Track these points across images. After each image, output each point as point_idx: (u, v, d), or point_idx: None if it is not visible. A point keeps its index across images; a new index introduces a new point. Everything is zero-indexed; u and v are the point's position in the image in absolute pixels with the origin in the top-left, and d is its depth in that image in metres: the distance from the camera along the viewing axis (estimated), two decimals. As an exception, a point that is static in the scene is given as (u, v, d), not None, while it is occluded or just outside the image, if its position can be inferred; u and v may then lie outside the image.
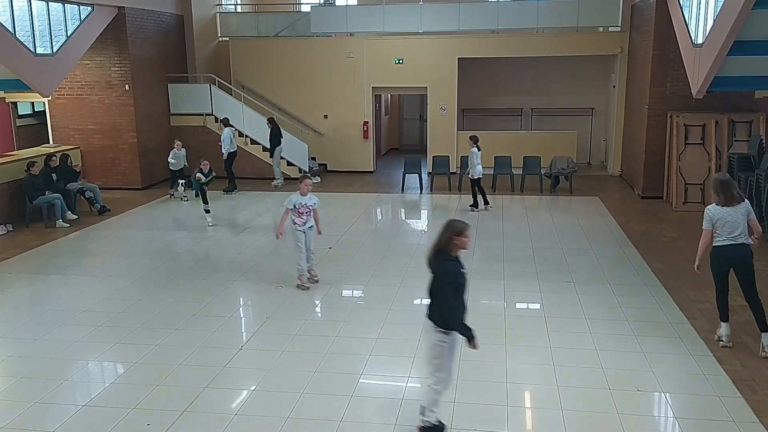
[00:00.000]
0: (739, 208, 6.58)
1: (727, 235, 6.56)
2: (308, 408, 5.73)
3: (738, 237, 6.55)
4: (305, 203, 8.55)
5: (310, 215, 8.64)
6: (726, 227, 6.56)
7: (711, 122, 12.97)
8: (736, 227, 6.53)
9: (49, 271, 9.92)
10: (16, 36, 11.81)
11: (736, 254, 6.57)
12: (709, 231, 6.66)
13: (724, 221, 6.57)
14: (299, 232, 8.63)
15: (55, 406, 5.84)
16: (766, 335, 6.61)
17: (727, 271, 6.72)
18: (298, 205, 8.52)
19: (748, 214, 6.61)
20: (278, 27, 18.40)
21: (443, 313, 5.06)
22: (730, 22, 8.60)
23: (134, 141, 15.34)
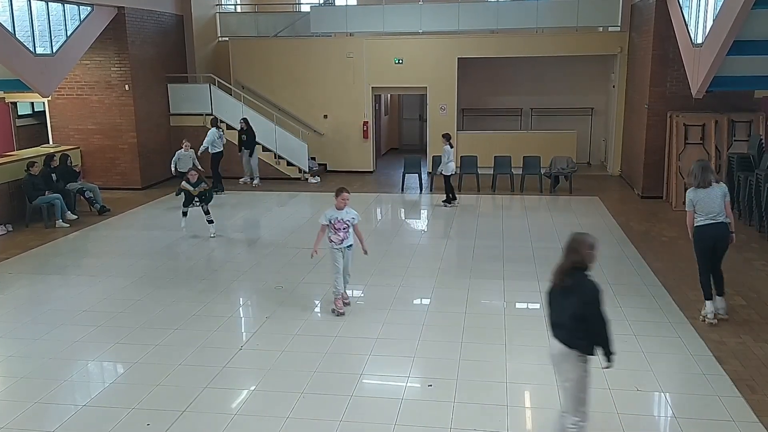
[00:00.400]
0: (715, 189, 7.16)
1: (706, 215, 7.15)
2: (308, 408, 5.73)
3: (716, 216, 7.13)
4: (342, 218, 7.60)
5: (349, 232, 7.69)
6: (705, 207, 7.13)
7: (711, 122, 12.98)
8: (714, 207, 7.11)
9: (48, 271, 9.92)
10: (16, 36, 11.81)
11: (717, 232, 7.17)
12: (692, 212, 7.27)
13: (704, 202, 7.14)
14: (336, 251, 7.70)
15: (55, 406, 5.85)
16: (720, 299, 7.41)
17: (711, 247, 7.28)
18: (334, 220, 7.59)
19: (724, 196, 7.18)
20: (278, 27, 18.40)
21: (599, 335, 4.51)
22: (730, 21, 8.60)
23: (134, 141, 15.34)
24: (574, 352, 4.54)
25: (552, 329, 4.71)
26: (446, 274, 9.41)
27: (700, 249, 7.34)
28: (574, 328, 4.51)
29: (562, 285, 4.60)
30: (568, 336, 4.55)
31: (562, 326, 4.57)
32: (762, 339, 6.98)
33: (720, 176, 12.90)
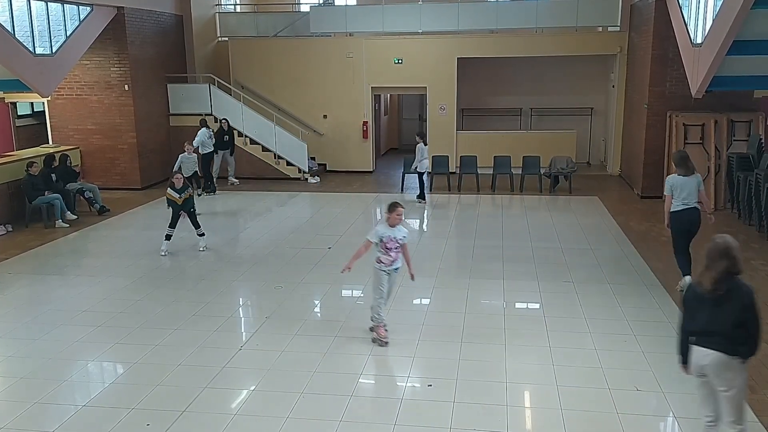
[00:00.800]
0: (693, 178, 8.08)
1: (682, 200, 8.04)
2: (308, 408, 5.73)
3: (690, 202, 8.04)
4: (395, 237, 6.82)
5: (399, 252, 6.96)
6: (682, 193, 8.03)
7: (710, 122, 12.98)
8: (690, 193, 8.02)
9: (48, 271, 9.92)
10: (16, 36, 11.80)
11: (692, 216, 8.08)
12: (669, 196, 8.16)
13: (681, 188, 8.06)
14: (383, 274, 6.90)
15: (55, 406, 5.84)
16: (687, 278, 8.11)
17: (686, 230, 8.17)
18: (386, 239, 6.78)
19: (699, 185, 8.10)
20: (277, 27, 18.40)
21: (757, 340, 4.43)
22: (730, 21, 8.60)
23: (134, 141, 15.34)
24: (736, 359, 4.44)
25: (702, 338, 4.55)
26: (446, 274, 9.41)
27: (677, 231, 8.22)
28: (735, 335, 4.42)
29: (716, 293, 4.42)
30: (729, 343, 4.42)
31: (720, 334, 4.43)
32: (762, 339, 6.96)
33: (719, 176, 12.96)
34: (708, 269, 4.52)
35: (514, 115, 18.72)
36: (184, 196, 10.42)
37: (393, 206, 6.92)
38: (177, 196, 10.35)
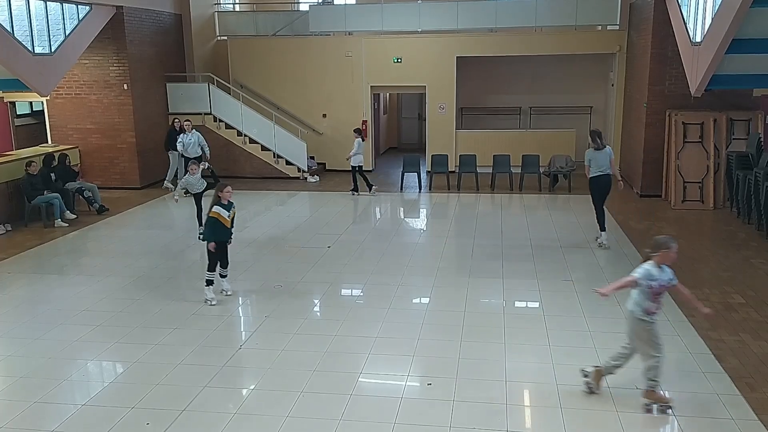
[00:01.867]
0: (604, 150, 10.19)
1: (598, 168, 10.16)
2: (307, 407, 5.73)
3: (605, 169, 10.16)
4: (664, 282, 5.51)
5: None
6: (597, 163, 10.16)
7: (709, 120, 12.99)
8: (603, 163, 10.15)
9: (47, 270, 9.91)
10: (15, 35, 11.79)
11: (606, 180, 10.23)
12: (588, 167, 10.26)
13: (597, 159, 10.16)
14: (655, 326, 5.49)
15: (55, 405, 5.84)
16: (603, 233, 10.46)
17: (604, 193, 10.33)
18: (657, 286, 5.45)
19: (609, 156, 10.20)
20: (276, 26, 18.39)
21: None
22: (729, 20, 8.61)
23: (133, 140, 15.33)
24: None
25: None
26: (445, 273, 9.41)
27: (596, 192, 10.35)
28: None
29: None
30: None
31: None
32: (761, 337, 6.99)
33: (718, 174, 12.96)
34: None
35: (514, 114, 18.71)
36: (232, 212, 8.36)
37: (662, 244, 5.64)
38: (226, 215, 8.14)
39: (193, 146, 13.95)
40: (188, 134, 13.99)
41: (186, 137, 13.91)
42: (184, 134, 13.95)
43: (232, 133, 16.68)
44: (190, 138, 13.95)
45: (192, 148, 13.91)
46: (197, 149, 14.00)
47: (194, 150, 13.93)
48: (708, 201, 12.98)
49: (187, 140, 13.92)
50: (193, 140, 13.97)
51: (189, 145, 13.96)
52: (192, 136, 13.96)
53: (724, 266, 9.44)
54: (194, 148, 13.93)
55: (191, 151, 13.91)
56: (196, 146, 13.98)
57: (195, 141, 14.03)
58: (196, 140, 14.04)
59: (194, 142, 14.01)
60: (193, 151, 13.91)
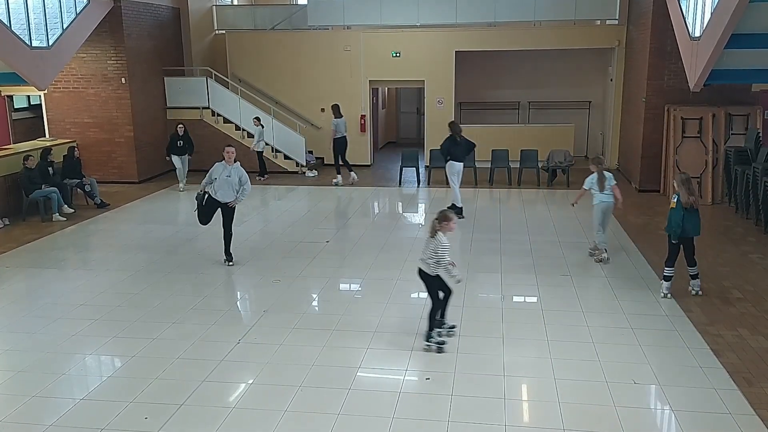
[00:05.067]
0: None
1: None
2: (306, 401, 5.74)
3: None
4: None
5: None
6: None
7: (708, 115, 12.99)
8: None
9: (45, 264, 9.90)
10: (12, 29, 11.74)
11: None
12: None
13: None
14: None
15: (53, 399, 5.85)
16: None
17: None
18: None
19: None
20: (275, 20, 18.34)
21: None
22: (728, 14, 8.59)
23: (131, 135, 15.30)
24: None
25: None
26: (444, 268, 9.39)
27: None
28: None
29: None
30: None
31: None
32: (759, 332, 7.01)
33: (717, 170, 12.97)
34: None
35: (512, 109, 18.70)
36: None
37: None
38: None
39: (229, 187, 9.21)
40: (227, 166, 9.23)
41: (222, 169, 9.20)
42: (220, 164, 9.24)
43: (230, 127, 16.65)
44: (228, 172, 9.21)
45: (227, 189, 9.21)
46: (232, 191, 9.25)
47: (229, 192, 9.24)
48: (706, 196, 12.99)
49: (222, 175, 9.17)
50: (232, 177, 9.20)
51: (223, 186, 9.19)
52: (233, 170, 9.24)
53: (722, 261, 9.46)
54: (229, 189, 9.22)
55: (224, 193, 9.24)
56: (234, 186, 9.22)
57: (234, 178, 9.22)
58: (236, 176, 9.23)
59: (231, 181, 9.21)
60: (226, 195, 9.26)
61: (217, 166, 9.26)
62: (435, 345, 6.62)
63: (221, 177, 9.15)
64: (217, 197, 9.25)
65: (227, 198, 9.26)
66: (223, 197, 9.25)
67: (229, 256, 9.60)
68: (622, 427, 5.28)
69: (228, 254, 9.60)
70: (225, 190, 9.21)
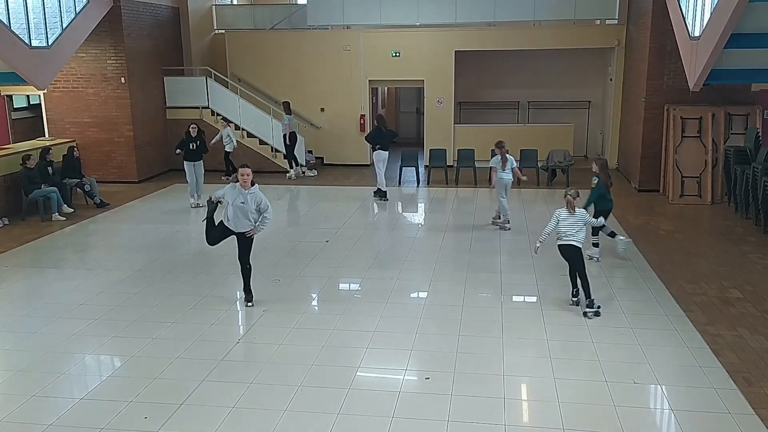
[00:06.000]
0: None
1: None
2: (306, 401, 5.74)
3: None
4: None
5: None
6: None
7: (708, 115, 12.99)
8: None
9: (45, 264, 9.90)
10: (11, 28, 11.73)
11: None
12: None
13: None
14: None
15: (52, 399, 5.84)
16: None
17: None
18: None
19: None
20: (274, 20, 18.33)
21: None
22: (727, 14, 8.59)
23: (130, 134, 15.30)
24: None
25: None
26: (443, 267, 9.41)
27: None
28: None
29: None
30: None
31: None
32: (758, 332, 7.01)
33: (716, 169, 12.98)
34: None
35: (512, 109, 18.69)
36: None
37: None
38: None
39: (244, 215, 7.67)
40: (242, 191, 7.60)
41: (236, 195, 7.61)
42: (233, 187, 7.68)
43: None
44: (242, 198, 7.61)
45: (241, 217, 7.68)
46: (248, 220, 7.70)
47: (244, 221, 7.70)
48: (706, 196, 12.99)
49: (236, 202, 7.59)
50: (247, 204, 7.64)
51: (237, 214, 7.67)
52: (250, 196, 7.64)
53: (722, 261, 9.46)
54: (244, 218, 7.68)
55: (237, 222, 7.71)
56: (250, 214, 7.68)
57: (250, 205, 7.66)
58: (253, 203, 7.67)
59: (247, 209, 7.66)
60: (240, 224, 7.74)
61: (229, 189, 7.61)
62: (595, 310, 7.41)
63: (235, 203, 7.52)
64: (229, 225, 7.73)
65: (242, 227, 7.67)
66: (236, 226, 7.67)
67: (248, 294, 7.93)
68: (622, 426, 5.28)
69: (248, 291, 7.92)
70: (239, 219, 7.61)
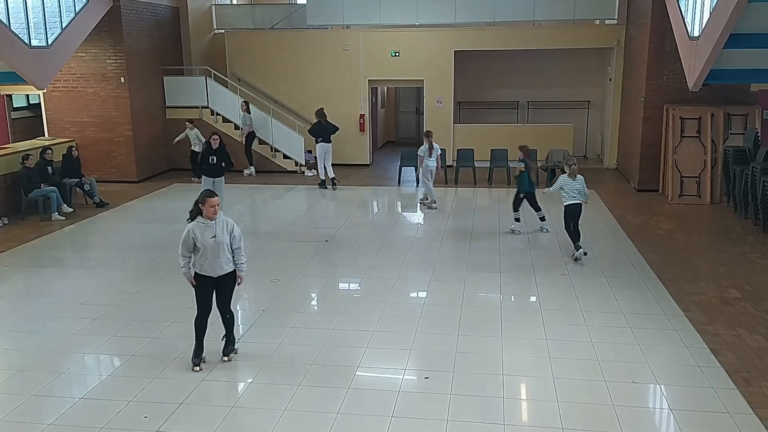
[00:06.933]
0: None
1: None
2: (305, 401, 5.74)
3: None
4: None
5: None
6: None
7: (707, 115, 13.00)
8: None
9: (44, 264, 9.90)
10: (11, 28, 11.73)
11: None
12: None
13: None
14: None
15: (52, 398, 5.85)
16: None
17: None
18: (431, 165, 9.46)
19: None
20: (274, 19, 18.34)
21: None
22: (726, 14, 8.61)
23: (130, 134, 15.30)
24: None
25: None
26: (443, 267, 9.42)
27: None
28: None
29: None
30: None
31: None
32: (757, 331, 7.02)
33: (716, 169, 12.99)
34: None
35: (511, 109, 18.70)
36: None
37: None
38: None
39: (222, 252, 6.29)
40: (209, 224, 6.24)
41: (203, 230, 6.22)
42: (196, 224, 6.25)
43: (229, 126, 16.64)
44: (212, 231, 6.24)
45: (219, 255, 6.27)
46: (226, 257, 6.34)
47: (223, 259, 6.31)
48: (705, 196, 13.00)
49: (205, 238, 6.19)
50: (219, 237, 6.26)
51: (213, 253, 6.23)
52: (219, 226, 6.30)
53: (721, 261, 9.47)
54: (222, 255, 6.29)
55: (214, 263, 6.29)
56: (226, 248, 6.32)
57: (223, 236, 6.32)
58: (225, 234, 6.33)
59: (221, 242, 6.28)
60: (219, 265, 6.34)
61: (193, 227, 6.16)
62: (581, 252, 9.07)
63: (205, 241, 6.12)
64: (206, 272, 6.23)
65: (221, 269, 6.23)
66: (214, 269, 6.20)
67: (230, 346, 6.53)
68: (621, 426, 5.29)
69: (230, 342, 6.55)
70: (217, 259, 6.19)
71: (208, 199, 6.17)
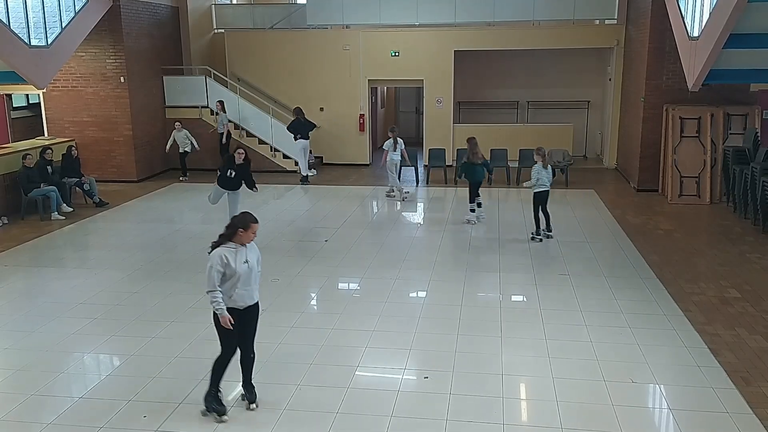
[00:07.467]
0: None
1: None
2: (304, 400, 5.74)
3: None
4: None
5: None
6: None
7: (706, 115, 13.00)
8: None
9: (44, 263, 9.90)
10: (11, 28, 11.73)
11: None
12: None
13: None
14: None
15: (52, 398, 5.85)
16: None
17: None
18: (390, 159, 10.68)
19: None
20: (274, 19, 18.33)
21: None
22: (726, 15, 8.61)
23: (129, 134, 15.29)
24: None
25: None
26: (442, 267, 9.42)
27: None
28: None
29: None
30: None
31: None
32: (756, 331, 7.02)
33: (715, 169, 12.99)
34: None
35: (511, 108, 18.70)
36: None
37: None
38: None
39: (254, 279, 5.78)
40: (240, 249, 5.54)
41: (235, 256, 5.50)
42: (228, 249, 5.59)
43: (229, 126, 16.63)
44: (243, 257, 5.58)
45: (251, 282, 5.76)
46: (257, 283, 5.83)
47: (255, 287, 5.78)
48: (705, 196, 13.01)
49: (238, 264, 5.51)
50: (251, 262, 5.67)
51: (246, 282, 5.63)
52: (252, 251, 5.76)
53: (721, 261, 9.47)
54: (255, 282, 5.81)
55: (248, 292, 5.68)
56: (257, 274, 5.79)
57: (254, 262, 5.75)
58: (254, 258, 5.70)
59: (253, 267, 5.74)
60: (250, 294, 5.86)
61: (225, 253, 5.47)
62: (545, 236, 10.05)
63: (238, 267, 5.46)
64: (235, 304, 5.51)
65: (251, 298, 5.59)
66: (244, 299, 5.54)
67: (252, 393, 5.73)
68: (621, 426, 5.29)
69: (251, 387, 5.76)
70: (246, 287, 5.54)
71: (252, 224, 5.45)
